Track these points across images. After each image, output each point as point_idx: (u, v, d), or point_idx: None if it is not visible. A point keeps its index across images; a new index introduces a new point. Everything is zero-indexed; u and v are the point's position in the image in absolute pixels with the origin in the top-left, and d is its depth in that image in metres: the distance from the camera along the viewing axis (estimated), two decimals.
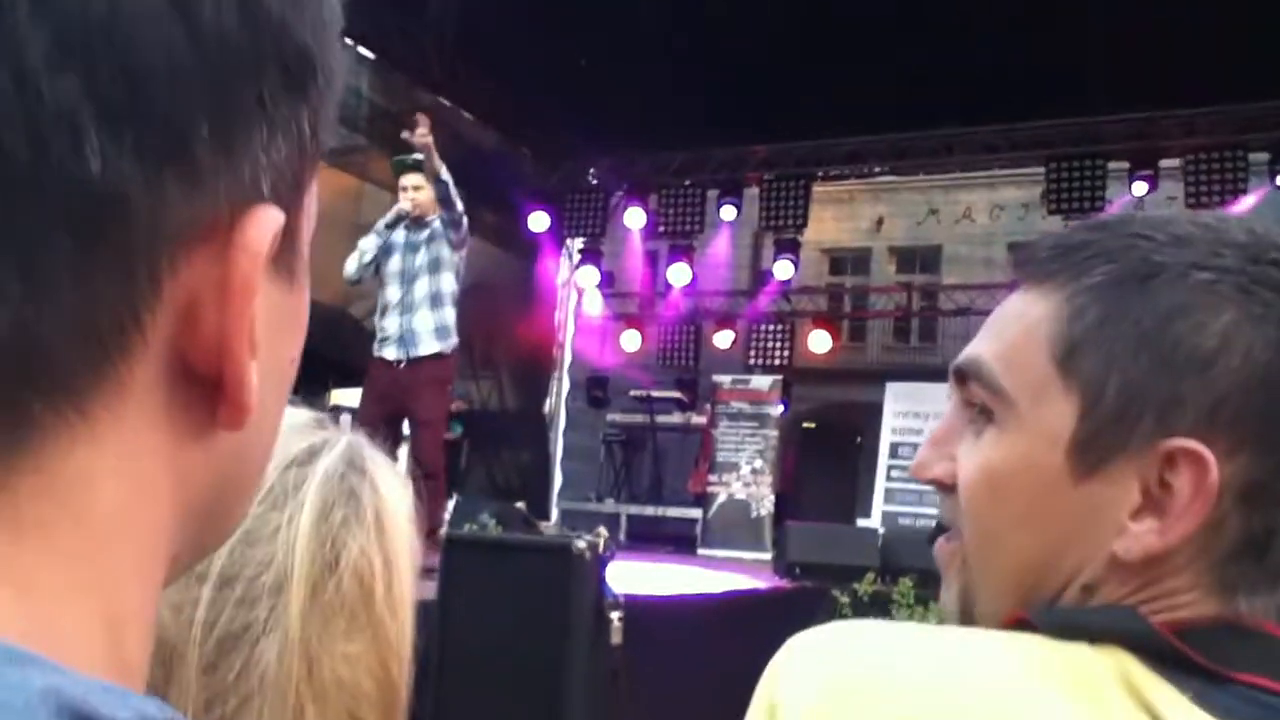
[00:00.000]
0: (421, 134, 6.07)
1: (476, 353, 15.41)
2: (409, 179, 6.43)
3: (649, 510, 13.48)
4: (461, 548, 3.72)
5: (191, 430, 0.40)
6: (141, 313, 0.36)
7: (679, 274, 14.68)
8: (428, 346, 6.12)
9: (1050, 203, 13.23)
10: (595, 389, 15.54)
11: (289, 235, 0.44)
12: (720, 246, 15.59)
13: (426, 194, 6.34)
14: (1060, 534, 0.76)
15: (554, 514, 15.10)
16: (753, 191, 14.60)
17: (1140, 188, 12.79)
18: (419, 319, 6.12)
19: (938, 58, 11.43)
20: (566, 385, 15.80)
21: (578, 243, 15.35)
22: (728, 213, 14.44)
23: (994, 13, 10.72)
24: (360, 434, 1.06)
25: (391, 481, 1.01)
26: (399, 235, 6.38)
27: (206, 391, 0.39)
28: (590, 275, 14.99)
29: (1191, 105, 12.29)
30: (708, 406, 13.63)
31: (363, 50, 12.67)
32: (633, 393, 14.52)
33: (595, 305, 15.58)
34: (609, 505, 13.38)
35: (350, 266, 6.46)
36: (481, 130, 14.36)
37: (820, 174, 14.42)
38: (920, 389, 12.56)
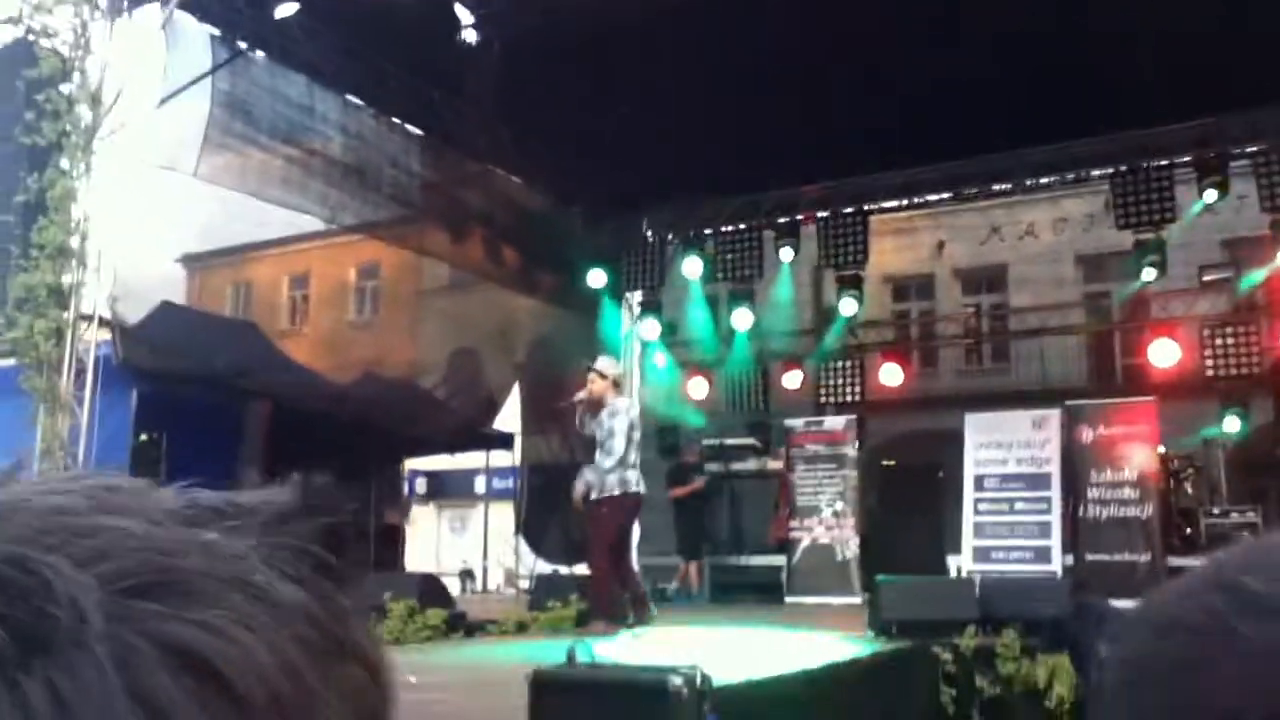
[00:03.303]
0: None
1: (543, 410, 15.39)
2: (589, 376, 8.30)
3: (731, 560, 13.25)
4: (552, 689, 3.57)
5: None
6: None
7: (741, 318, 14.54)
8: (599, 491, 8.07)
9: (1119, 217, 12.88)
10: (666, 438, 15.37)
11: None
12: (781, 287, 15.40)
13: (599, 385, 8.23)
14: None
15: (635, 568, 14.93)
16: (810, 229, 14.45)
17: (1211, 195, 12.39)
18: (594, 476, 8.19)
19: (987, 81, 11.23)
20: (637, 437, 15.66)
21: (637, 295, 15.27)
22: (785, 254, 14.30)
23: (1041, 31, 10.52)
24: None
25: None
26: (586, 416, 8.29)
27: None
28: (651, 327, 14.90)
29: (1255, 105, 11.89)
30: (782, 451, 13.41)
31: (410, 128, 12.77)
32: (705, 441, 14.35)
33: (659, 356, 15.45)
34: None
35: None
36: (531, 194, 14.41)
37: (876, 208, 14.21)
38: (999, 418, 12.22)
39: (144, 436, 10.70)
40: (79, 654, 0.37)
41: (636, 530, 15.40)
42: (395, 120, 12.67)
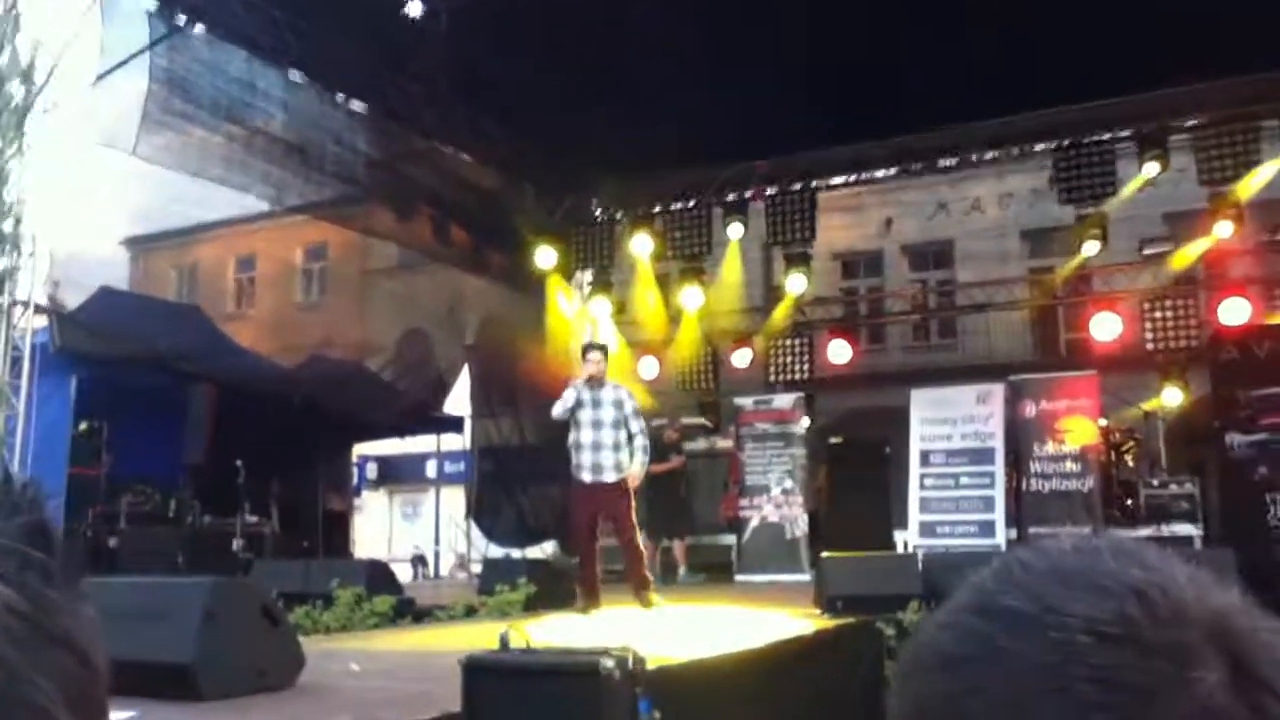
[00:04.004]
0: None
1: (494, 391, 15.32)
2: (593, 355, 8.29)
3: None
4: (484, 674, 3.56)
5: None
6: None
7: (691, 297, 14.56)
8: (610, 476, 8.08)
9: (1061, 192, 13.02)
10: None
11: None
12: (731, 265, 15.41)
13: (604, 365, 8.26)
14: None
15: None
16: (759, 206, 14.46)
17: (1151, 169, 12.56)
18: (605, 455, 8.06)
19: (932, 57, 11.26)
20: None
21: (586, 274, 15.23)
22: (735, 230, 14.31)
23: (984, 6, 10.56)
24: None
25: None
26: (586, 394, 8.09)
27: None
28: (601, 306, 14.87)
29: (1195, 79, 12.04)
30: (732, 429, 13.47)
31: (356, 105, 12.59)
32: (655, 421, 14.35)
33: (609, 335, 15.43)
34: (640, 538, 13.13)
35: (557, 409, 8.20)
36: (481, 171, 14.27)
37: (824, 185, 14.25)
38: (944, 394, 12.35)
39: (84, 425, 10.52)
40: None
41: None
42: (339, 96, 12.47)
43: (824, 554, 8.33)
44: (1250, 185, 12.31)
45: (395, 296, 20.01)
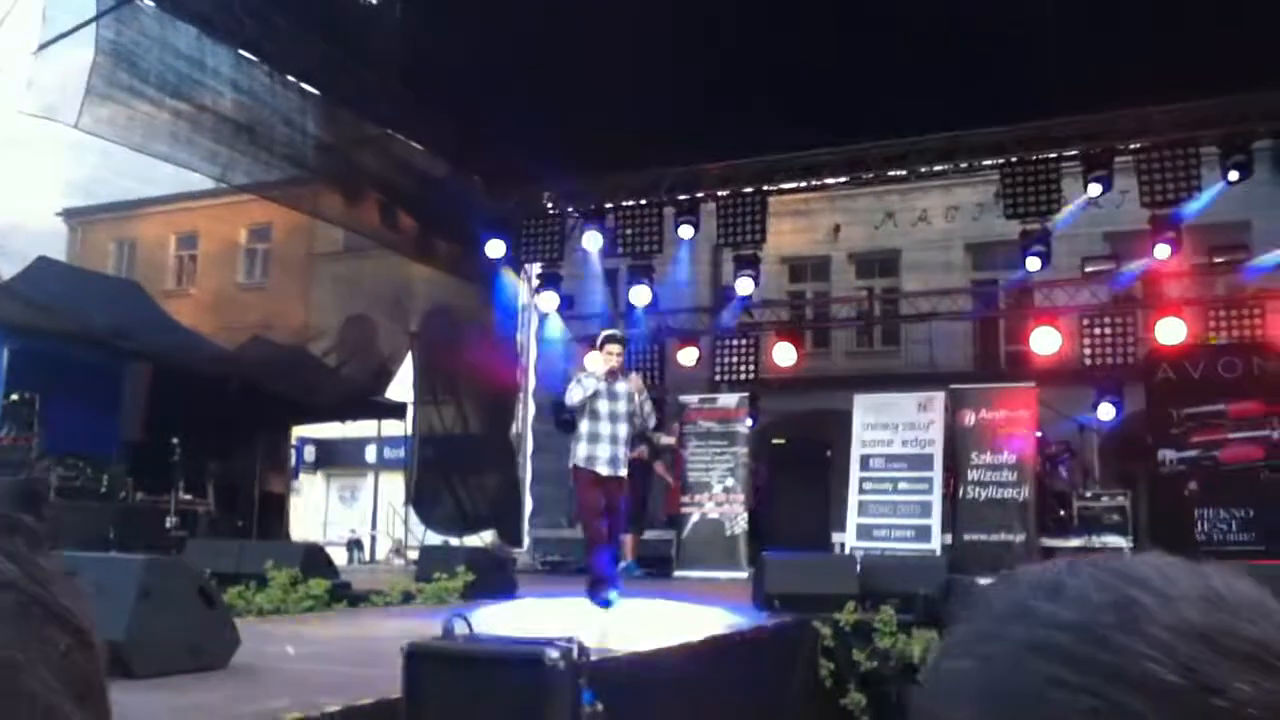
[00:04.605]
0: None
1: (438, 380, 15.21)
2: (612, 347, 8.32)
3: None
4: (426, 661, 3.53)
5: None
6: None
7: (639, 294, 14.57)
8: (623, 470, 8.18)
9: (1007, 207, 13.23)
10: (561, 413, 15.32)
11: None
12: (680, 264, 15.47)
13: (622, 358, 8.44)
14: None
15: (526, 541, 14.94)
16: (710, 207, 14.53)
17: (1095, 189, 12.80)
18: (621, 449, 8.14)
19: (886, 69, 11.40)
20: (532, 409, 15.63)
21: (536, 267, 15.19)
22: (685, 231, 14.35)
23: (940, 22, 10.70)
24: None
25: None
26: (603, 384, 8.15)
27: None
28: (549, 299, 14.84)
29: (1143, 103, 12.32)
30: (676, 426, 13.51)
31: (307, 87, 12.42)
32: None
33: (556, 328, 15.40)
34: (581, 531, 13.15)
35: (574, 396, 8.20)
36: (432, 160, 14.15)
37: (775, 189, 14.34)
38: (886, 400, 12.49)
39: (15, 396, 10.26)
40: None
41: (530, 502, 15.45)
42: (290, 78, 12.29)
43: (764, 552, 8.39)
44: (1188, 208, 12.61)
45: (340, 280, 19.79)
